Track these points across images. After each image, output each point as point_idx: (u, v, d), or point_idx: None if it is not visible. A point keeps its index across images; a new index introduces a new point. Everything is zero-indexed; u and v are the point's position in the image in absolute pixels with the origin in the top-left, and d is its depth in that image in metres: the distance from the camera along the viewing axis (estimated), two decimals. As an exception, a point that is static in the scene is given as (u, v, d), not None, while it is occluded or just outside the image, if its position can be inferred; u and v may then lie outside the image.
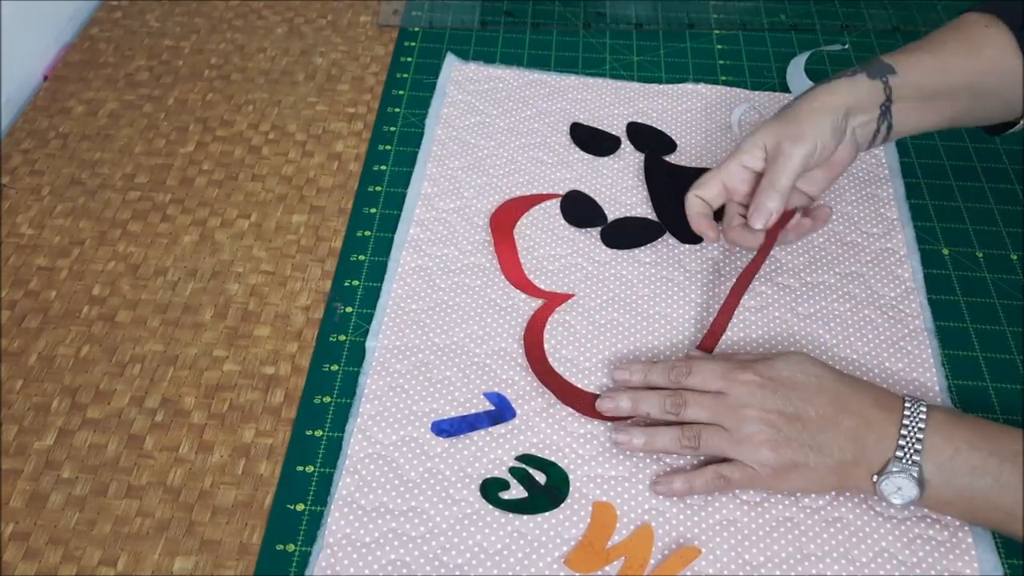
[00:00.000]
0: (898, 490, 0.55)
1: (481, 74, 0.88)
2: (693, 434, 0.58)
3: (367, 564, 0.55)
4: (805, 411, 0.57)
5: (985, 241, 0.75)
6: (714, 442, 0.57)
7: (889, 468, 0.55)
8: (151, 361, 0.65)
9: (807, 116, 0.65)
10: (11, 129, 0.82)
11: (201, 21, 0.94)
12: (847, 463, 0.56)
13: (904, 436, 0.55)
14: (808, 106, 0.66)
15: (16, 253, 0.72)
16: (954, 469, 0.55)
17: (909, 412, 0.56)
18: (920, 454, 0.55)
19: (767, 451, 0.56)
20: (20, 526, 0.57)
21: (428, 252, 0.72)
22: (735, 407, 0.57)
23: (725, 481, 0.57)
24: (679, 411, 0.59)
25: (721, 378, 0.59)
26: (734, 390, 0.58)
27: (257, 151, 0.81)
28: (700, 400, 0.59)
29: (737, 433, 0.57)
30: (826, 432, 0.56)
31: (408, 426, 0.62)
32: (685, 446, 0.58)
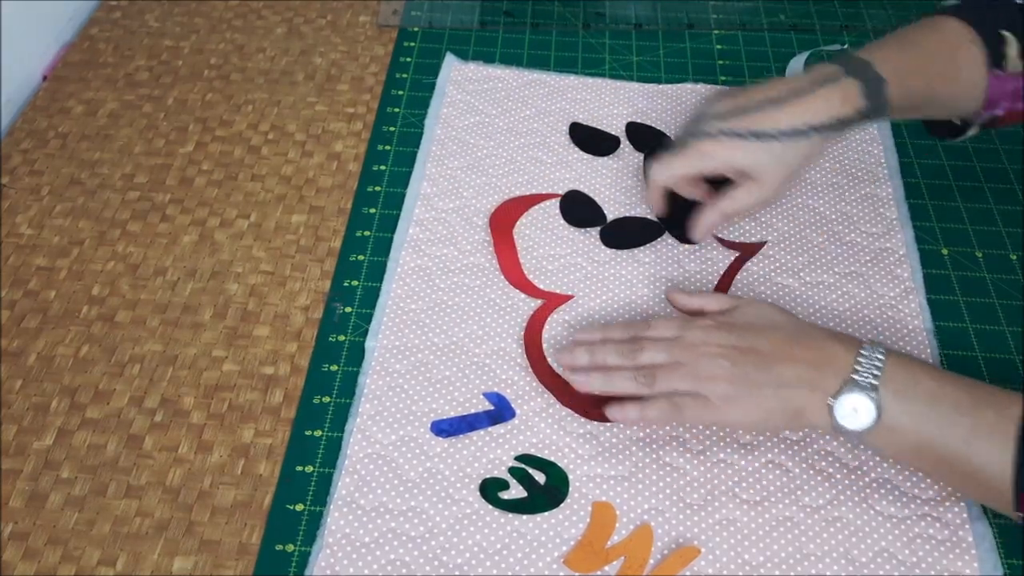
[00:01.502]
0: (854, 412, 0.54)
1: (480, 74, 0.88)
2: (648, 372, 0.58)
3: (367, 564, 0.55)
4: (759, 344, 0.57)
5: (984, 241, 0.75)
6: (670, 379, 0.57)
7: (845, 389, 0.54)
8: (150, 361, 0.65)
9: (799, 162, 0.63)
10: (11, 129, 0.82)
11: (201, 21, 0.94)
12: (803, 392, 0.55)
13: (861, 363, 0.55)
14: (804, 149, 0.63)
15: (16, 253, 0.72)
16: (913, 395, 0.54)
17: (868, 347, 0.56)
18: (879, 378, 0.54)
19: (722, 383, 0.56)
20: (19, 526, 0.57)
21: (427, 252, 0.72)
22: (691, 346, 0.58)
23: (677, 409, 0.57)
24: (636, 356, 0.59)
25: (677, 327, 0.60)
26: (690, 332, 0.59)
27: (256, 151, 0.81)
28: (657, 344, 0.59)
29: (693, 367, 0.57)
30: (782, 363, 0.56)
31: (407, 426, 0.62)
32: (641, 384, 0.58)
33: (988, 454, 0.53)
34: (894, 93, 0.64)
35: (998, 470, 0.52)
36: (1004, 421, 0.53)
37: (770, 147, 0.63)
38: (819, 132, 0.63)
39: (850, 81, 0.63)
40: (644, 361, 0.59)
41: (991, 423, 0.53)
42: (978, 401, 0.54)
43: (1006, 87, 0.65)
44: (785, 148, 0.63)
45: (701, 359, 0.57)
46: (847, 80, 0.63)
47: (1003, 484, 0.52)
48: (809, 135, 0.63)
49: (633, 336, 0.61)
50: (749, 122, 0.64)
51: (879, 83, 0.63)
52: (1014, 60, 0.64)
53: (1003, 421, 0.53)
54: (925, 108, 0.68)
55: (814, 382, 0.55)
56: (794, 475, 0.60)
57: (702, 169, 0.66)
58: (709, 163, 0.65)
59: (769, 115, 0.64)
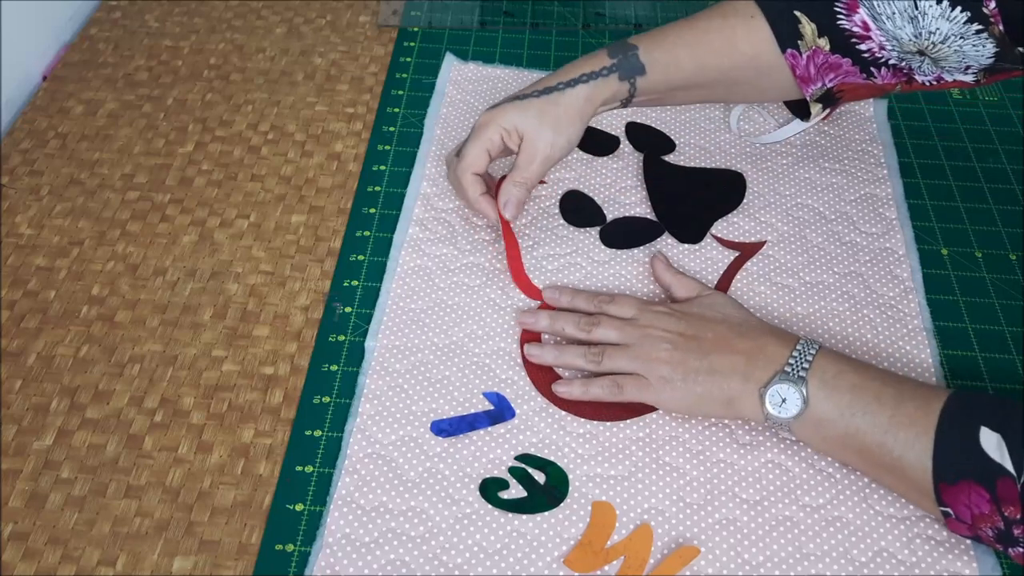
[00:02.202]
0: (782, 402, 0.57)
1: (480, 74, 0.88)
2: (598, 350, 0.63)
3: (366, 564, 0.55)
4: (704, 333, 0.61)
5: (984, 241, 0.75)
6: (617, 359, 0.62)
7: (775, 379, 0.58)
8: (150, 361, 0.65)
9: (565, 116, 0.67)
10: (10, 129, 0.82)
11: (200, 21, 0.94)
12: (735, 381, 0.59)
13: (794, 356, 0.58)
14: (567, 103, 0.67)
15: (15, 253, 0.72)
16: (837, 386, 0.57)
17: (803, 343, 0.59)
18: (807, 371, 0.57)
19: (663, 365, 0.60)
20: (19, 526, 0.57)
21: (427, 252, 0.72)
22: (641, 327, 0.63)
23: (619, 388, 0.61)
24: (591, 330, 0.64)
25: (636, 307, 0.64)
26: (644, 316, 0.64)
27: (256, 151, 0.81)
28: (611, 323, 0.64)
29: (638, 349, 0.61)
30: (720, 352, 0.60)
31: (407, 426, 0.62)
32: (590, 360, 0.63)
33: (907, 446, 0.54)
34: (649, 58, 0.68)
35: (917, 462, 0.54)
36: (925, 414, 0.54)
37: (529, 105, 0.67)
38: (570, 86, 0.68)
39: (600, 50, 0.70)
40: (597, 337, 0.64)
41: (911, 415, 0.54)
42: (902, 394, 0.56)
43: (817, 60, 0.68)
44: (543, 104, 0.67)
45: (646, 341, 0.62)
46: (598, 50, 0.70)
47: (923, 477, 0.54)
48: (561, 88, 0.68)
49: (595, 309, 0.66)
50: (513, 95, 0.69)
51: (628, 47, 0.69)
52: (812, 39, 0.67)
53: (924, 414, 0.54)
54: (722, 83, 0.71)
55: (747, 373, 0.59)
56: (794, 475, 0.60)
57: (491, 139, 0.68)
58: (489, 132, 0.68)
59: (531, 86, 0.69)
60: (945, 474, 0.53)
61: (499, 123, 0.67)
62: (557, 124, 0.67)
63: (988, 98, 0.88)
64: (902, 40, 0.64)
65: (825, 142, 0.82)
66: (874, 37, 0.65)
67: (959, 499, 0.53)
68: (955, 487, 0.53)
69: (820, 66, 0.68)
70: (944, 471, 0.53)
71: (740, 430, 0.62)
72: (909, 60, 0.65)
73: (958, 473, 0.52)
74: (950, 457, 0.53)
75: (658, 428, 0.62)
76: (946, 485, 0.53)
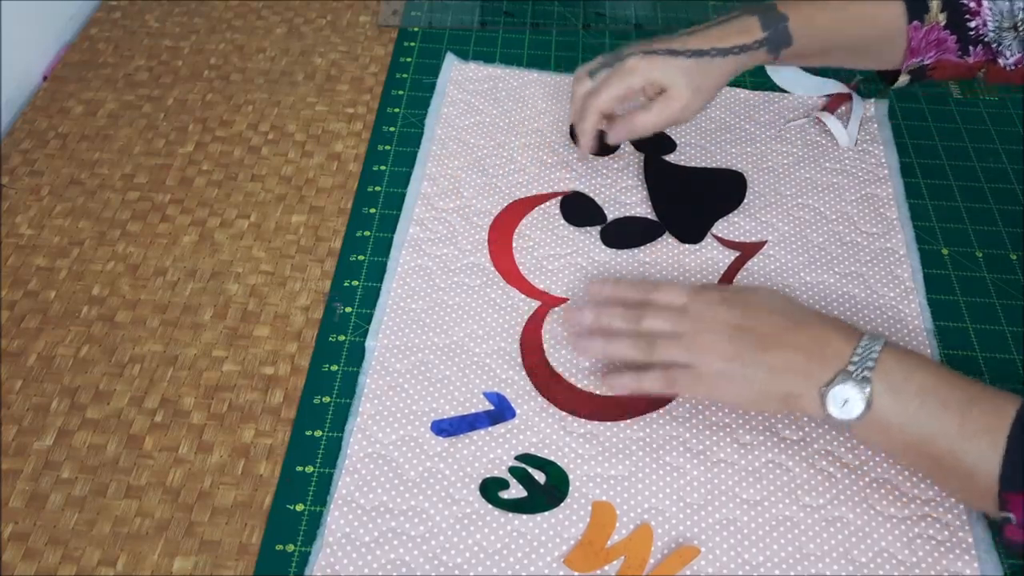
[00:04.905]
0: (844, 403, 0.54)
1: (481, 74, 0.88)
2: (648, 341, 0.60)
3: (367, 563, 0.55)
4: (759, 326, 0.58)
5: (985, 241, 0.75)
6: (668, 350, 0.59)
7: (838, 379, 0.55)
8: (150, 361, 0.65)
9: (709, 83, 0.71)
10: (11, 129, 0.82)
11: (200, 21, 0.94)
12: (795, 378, 0.56)
13: (858, 353, 0.55)
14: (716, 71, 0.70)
15: (16, 253, 0.72)
16: (904, 389, 0.54)
17: (867, 339, 0.56)
18: (872, 371, 0.54)
19: (716, 359, 0.57)
20: (20, 526, 0.57)
21: (428, 251, 0.72)
22: (692, 318, 0.59)
23: (671, 381, 0.59)
24: (640, 321, 0.61)
25: (685, 295, 0.61)
26: (695, 305, 0.60)
27: (256, 151, 0.81)
28: (660, 312, 0.61)
29: (690, 341, 0.58)
30: (778, 347, 0.57)
31: (408, 425, 0.62)
32: (641, 349, 0.60)
33: (976, 453, 0.52)
34: (797, 28, 0.70)
35: (984, 469, 0.52)
36: (995, 420, 0.52)
37: (680, 64, 0.70)
38: (721, 55, 0.70)
39: (751, 17, 0.71)
40: (646, 327, 0.60)
41: (981, 422, 0.52)
42: (971, 399, 0.54)
43: (930, 36, 0.70)
44: (693, 66, 0.70)
45: (700, 333, 0.59)
46: (748, 17, 0.71)
47: (989, 484, 0.52)
48: (712, 55, 0.70)
49: (641, 299, 0.63)
50: (664, 45, 0.71)
51: (778, 17, 0.70)
52: (935, 14, 0.69)
53: (994, 420, 0.52)
54: (843, 52, 0.74)
55: (808, 370, 0.56)
56: (794, 475, 0.60)
57: (630, 85, 0.71)
58: (634, 79, 0.70)
59: (680, 41, 0.71)
60: (1012, 482, 0.51)
61: (646, 73, 0.70)
62: (698, 91, 0.70)
63: (988, 98, 0.88)
64: (1003, 12, 0.67)
65: (826, 142, 0.82)
66: (982, 12, 0.69)
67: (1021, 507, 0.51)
68: (1021, 495, 0.51)
69: (931, 41, 0.70)
70: (1011, 479, 0.51)
71: (741, 430, 0.62)
72: (1001, 38, 0.68)
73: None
74: (1020, 465, 0.51)
75: (658, 428, 0.62)
76: (1012, 493, 0.51)
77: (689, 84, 0.70)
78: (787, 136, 0.82)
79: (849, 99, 0.84)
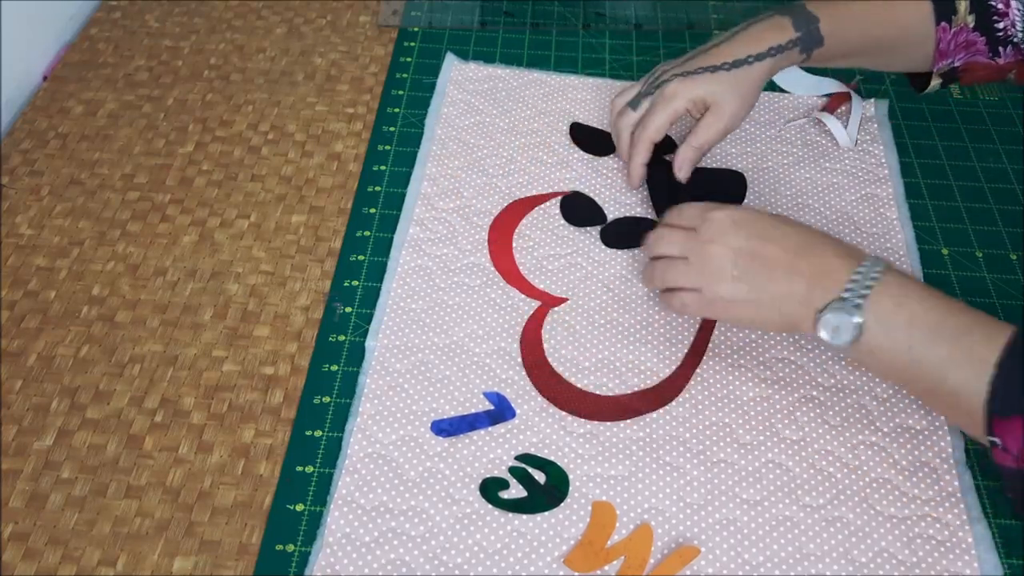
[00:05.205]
0: (836, 329, 0.56)
1: (481, 74, 0.88)
2: (664, 266, 0.64)
3: (367, 563, 0.55)
4: (765, 251, 0.60)
5: (985, 241, 0.75)
6: (677, 275, 0.63)
7: (831, 306, 0.56)
8: (150, 361, 0.65)
9: (752, 88, 0.72)
10: (11, 129, 0.82)
11: (200, 21, 0.94)
12: (795, 304, 0.58)
13: (855, 280, 0.56)
14: (755, 76, 0.71)
15: (16, 253, 0.72)
16: (895, 317, 0.55)
17: (868, 263, 0.57)
18: (865, 299, 0.56)
19: (723, 284, 0.60)
20: (20, 526, 0.57)
21: (428, 252, 0.72)
22: (702, 242, 0.61)
23: (684, 305, 0.63)
24: (653, 246, 0.65)
25: (697, 215, 0.63)
26: (705, 226, 0.62)
27: (256, 151, 0.81)
28: (672, 236, 0.64)
29: (699, 266, 0.61)
30: (781, 272, 0.59)
31: (408, 425, 0.62)
32: (658, 277, 0.64)
33: (963, 380, 0.54)
34: (828, 29, 0.71)
35: (972, 394, 0.53)
36: (985, 348, 0.53)
37: (721, 78, 0.71)
38: (759, 59, 0.71)
39: (783, 17, 0.72)
40: (660, 252, 0.64)
41: (972, 351, 0.54)
42: (966, 327, 0.55)
43: (958, 38, 0.71)
44: (733, 77, 0.71)
45: (707, 258, 0.61)
46: (779, 17, 0.72)
47: (975, 409, 0.53)
48: (751, 62, 0.71)
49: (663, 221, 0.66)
50: (699, 63, 0.72)
51: (809, 18, 0.71)
52: (963, 15, 0.71)
53: (984, 349, 0.53)
54: (872, 53, 0.75)
55: (808, 297, 0.58)
56: (794, 475, 0.60)
57: (675, 110, 0.72)
58: (677, 103, 0.72)
59: (714, 54, 0.72)
60: (1000, 407, 0.52)
61: (688, 95, 0.71)
62: (745, 97, 0.72)
63: (988, 98, 0.88)
64: None
65: (826, 142, 0.82)
66: (1011, 13, 0.70)
67: (1009, 431, 0.52)
68: (1008, 421, 0.52)
69: (960, 43, 0.71)
70: (999, 404, 0.52)
71: (741, 429, 0.62)
72: None
73: (1013, 408, 0.52)
74: (1007, 392, 0.52)
75: (658, 428, 0.62)
76: (999, 418, 0.53)
77: (734, 94, 0.71)
78: (787, 136, 0.82)
79: (849, 99, 0.84)
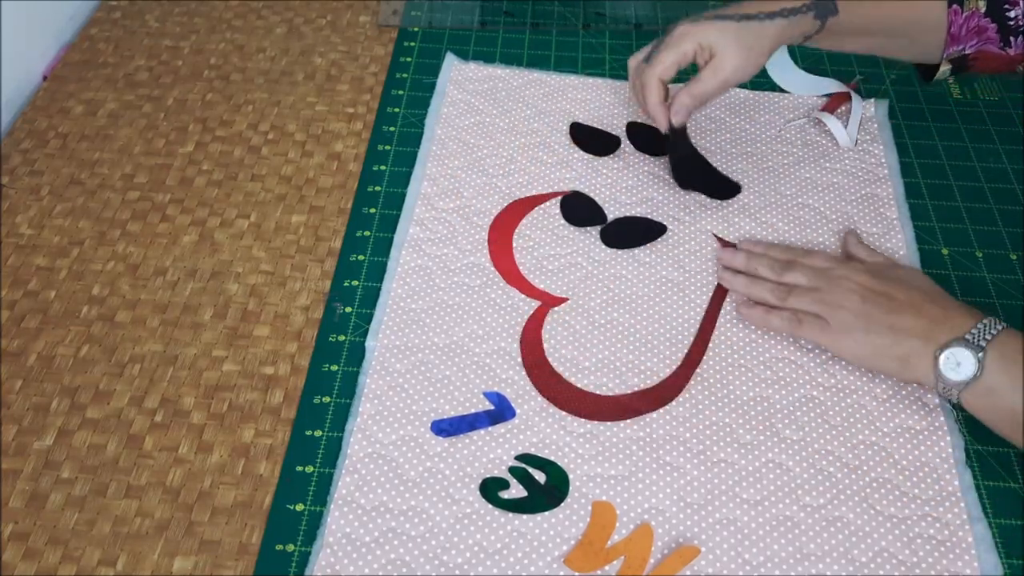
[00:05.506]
0: (957, 365, 0.58)
1: (481, 74, 0.88)
2: (786, 289, 0.66)
3: (367, 563, 0.55)
4: (895, 293, 0.62)
5: (985, 241, 0.75)
6: (802, 299, 0.64)
7: (954, 343, 0.59)
8: (150, 361, 0.65)
9: (757, 45, 0.72)
10: (10, 129, 0.82)
11: (201, 21, 0.94)
12: (915, 340, 0.60)
13: (978, 328, 0.59)
14: (763, 33, 0.72)
15: (16, 253, 0.72)
16: (1016, 359, 0.57)
17: (991, 319, 0.60)
18: (988, 342, 0.58)
19: (847, 313, 0.62)
20: (19, 526, 0.57)
21: (428, 251, 0.72)
22: (834, 277, 0.65)
23: (798, 323, 0.64)
24: (783, 273, 0.67)
25: (831, 261, 0.67)
26: (838, 269, 0.66)
27: (256, 151, 0.81)
28: (805, 269, 0.66)
29: (826, 294, 0.64)
30: (907, 312, 0.61)
31: (408, 425, 0.62)
32: (777, 295, 0.66)
33: None
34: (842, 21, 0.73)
35: None
36: None
37: (728, 26, 0.72)
38: (770, 18, 0.72)
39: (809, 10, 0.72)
40: (788, 280, 0.66)
41: None
42: None
43: (969, 23, 0.72)
44: (741, 29, 0.71)
45: (836, 288, 0.64)
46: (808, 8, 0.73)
47: None
48: (761, 19, 0.72)
49: (790, 259, 0.68)
50: (712, 14, 0.73)
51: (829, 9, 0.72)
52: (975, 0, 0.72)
53: None
54: (887, 33, 0.76)
55: (928, 335, 0.60)
56: (794, 475, 0.60)
57: (684, 52, 0.72)
58: (685, 45, 0.72)
59: (729, 10, 0.73)
60: None
61: (696, 37, 0.71)
62: (749, 52, 0.71)
63: (988, 98, 0.88)
64: None
65: (826, 142, 0.82)
66: (1022, 3, 0.71)
67: None
68: None
69: (971, 28, 0.72)
70: None
71: (741, 430, 0.62)
72: None
73: None
74: None
75: (658, 428, 0.62)
76: None
77: (739, 45, 0.71)
78: (787, 136, 0.82)
79: (849, 99, 0.84)
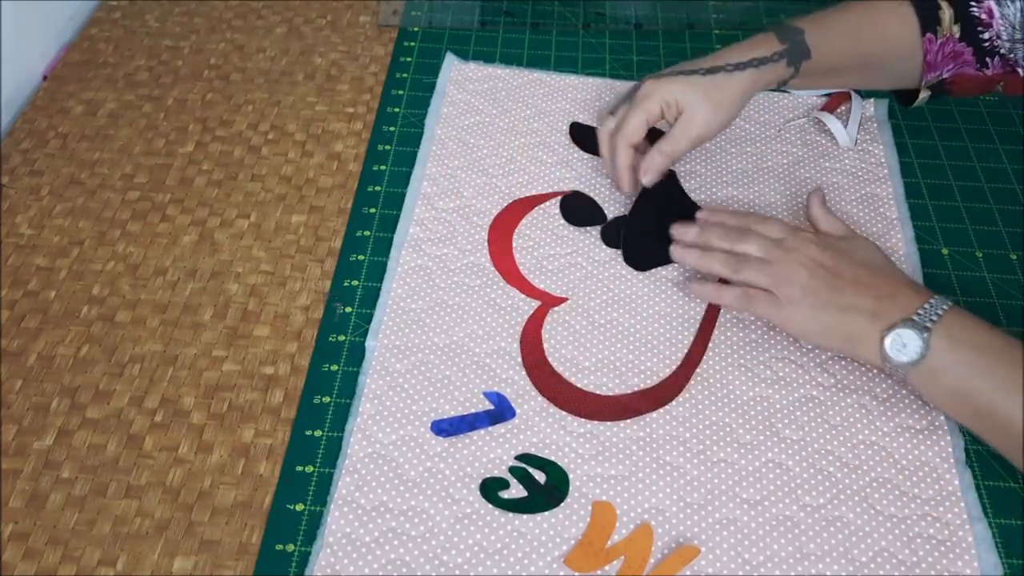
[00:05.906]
0: (903, 345, 0.58)
1: (481, 73, 0.88)
2: (738, 261, 0.65)
3: (367, 563, 0.55)
4: (843, 270, 0.62)
5: (985, 241, 0.75)
6: (753, 271, 0.64)
7: (900, 323, 0.58)
8: (150, 361, 0.65)
9: (727, 98, 0.70)
10: (10, 129, 0.82)
11: (201, 21, 0.94)
12: (861, 319, 0.60)
13: (925, 307, 0.59)
14: (732, 85, 0.70)
15: (16, 253, 0.72)
16: (962, 340, 0.57)
17: (939, 297, 0.60)
18: (935, 322, 0.58)
19: (796, 288, 0.62)
20: (19, 526, 0.57)
21: (428, 251, 0.72)
22: (785, 248, 0.64)
23: (749, 299, 0.64)
24: (735, 243, 0.66)
25: (784, 231, 0.66)
26: (790, 239, 0.65)
27: (256, 151, 0.81)
28: (757, 238, 0.65)
29: (777, 267, 0.63)
30: (854, 291, 0.61)
31: (408, 425, 0.62)
32: (728, 266, 0.65)
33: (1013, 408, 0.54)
34: (814, 41, 0.71)
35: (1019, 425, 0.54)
36: None
37: (695, 82, 0.70)
38: (739, 68, 0.70)
39: (768, 33, 0.72)
40: (740, 250, 0.65)
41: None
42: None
43: (944, 49, 0.71)
44: (707, 83, 0.70)
45: (786, 262, 0.63)
46: (765, 33, 0.72)
47: None
48: (729, 70, 0.70)
49: (745, 226, 0.67)
50: (677, 68, 0.72)
51: (794, 31, 0.71)
52: (948, 26, 0.71)
53: None
54: (862, 67, 0.75)
55: (875, 314, 0.60)
56: (794, 475, 0.60)
57: (648, 109, 0.70)
58: (650, 103, 0.70)
59: (695, 63, 0.72)
60: None
61: (662, 95, 0.70)
62: (718, 106, 0.70)
63: (988, 98, 0.87)
64: (1015, 24, 0.68)
65: (826, 142, 0.82)
66: (995, 24, 0.70)
67: None
68: None
69: (947, 54, 0.71)
70: None
71: (741, 429, 0.62)
72: (1017, 49, 0.69)
73: None
74: None
75: (658, 428, 0.62)
76: None
77: (707, 99, 0.70)
78: (787, 136, 0.82)
79: (848, 99, 0.84)
